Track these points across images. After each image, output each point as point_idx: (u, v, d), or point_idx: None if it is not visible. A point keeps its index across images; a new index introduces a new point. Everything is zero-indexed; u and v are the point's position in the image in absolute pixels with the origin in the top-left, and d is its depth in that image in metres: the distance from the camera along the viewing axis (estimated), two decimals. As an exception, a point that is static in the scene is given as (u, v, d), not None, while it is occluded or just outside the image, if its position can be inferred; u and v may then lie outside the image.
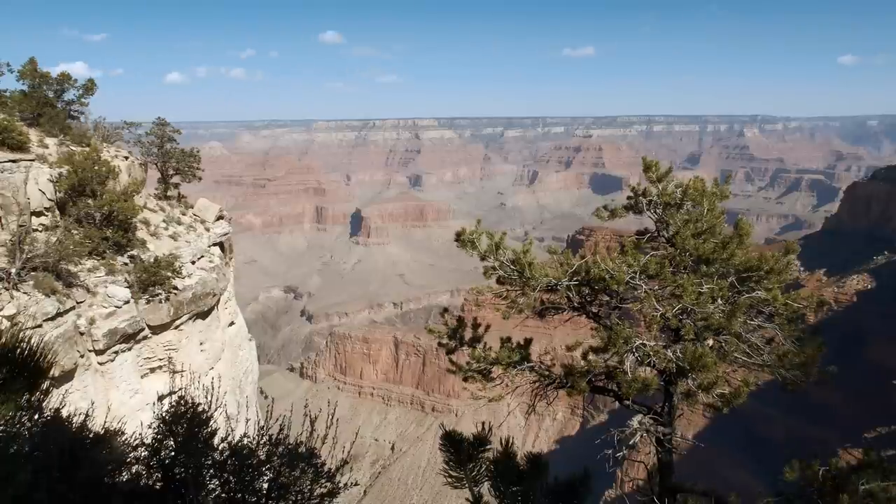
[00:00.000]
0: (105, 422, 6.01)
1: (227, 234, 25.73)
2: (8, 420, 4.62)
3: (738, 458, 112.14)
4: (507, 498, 7.41)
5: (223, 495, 5.48)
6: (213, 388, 6.39)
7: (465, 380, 9.79)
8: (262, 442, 5.90)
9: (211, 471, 5.57)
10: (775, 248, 9.88)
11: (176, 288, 18.90)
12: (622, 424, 9.13)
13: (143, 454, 5.55)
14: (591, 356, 9.42)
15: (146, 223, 20.83)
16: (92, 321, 16.27)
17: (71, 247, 16.11)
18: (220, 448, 5.79)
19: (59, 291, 15.46)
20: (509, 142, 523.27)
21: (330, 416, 6.21)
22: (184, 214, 24.17)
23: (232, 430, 6.39)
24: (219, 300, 22.41)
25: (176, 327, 19.35)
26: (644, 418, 9.29)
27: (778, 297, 8.43)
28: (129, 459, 5.39)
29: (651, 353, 8.82)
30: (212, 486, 5.52)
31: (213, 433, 5.94)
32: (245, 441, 5.85)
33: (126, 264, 18.13)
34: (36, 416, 4.99)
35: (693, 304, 8.19)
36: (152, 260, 18.52)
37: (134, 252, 18.73)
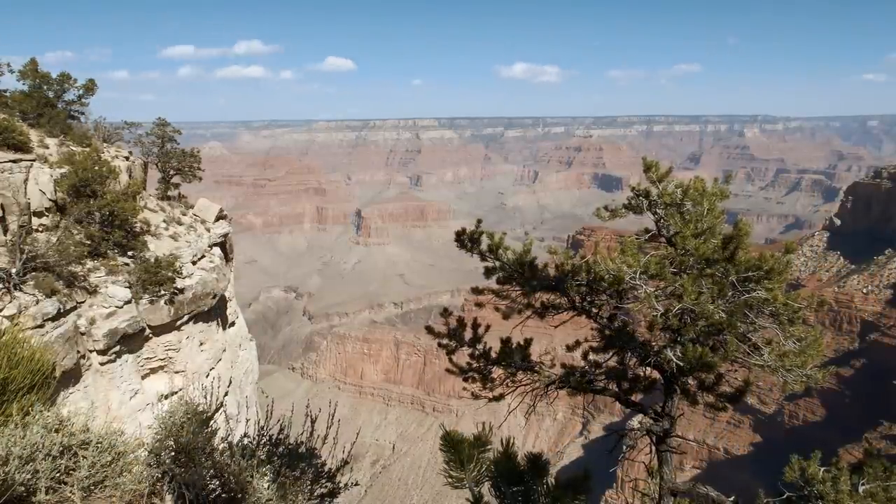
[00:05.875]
0: (105, 422, 6.02)
1: (227, 234, 25.72)
2: (9, 421, 4.62)
3: (739, 458, 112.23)
4: (507, 498, 7.41)
5: (223, 495, 5.48)
6: (213, 389, 6.39)
7: (465, 380, 9.79)
8: (262, 442, 5.91)
9: (211, 471, 5.58)
10: (775, 247, 9.88)
11: (178, 288, 18.91)
12: (623, 425, 9.14)
13: (143, 454, 5.56)
14: (591, 356, 9.41)
15: (146, 223, 20.82)
16: (92, 321, 16.27)
17: (71, 247, 16.12)
18: (220, 448, 5.80)
19: (59, 291, 15.45)
20: (509, 142, 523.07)
21: (330, 417, 6.22)
22: (184, 214, 24.17)
23: (232, 431, 6.39)
24: (219, 300, 22.41)
25: (176, 327, 19.36)
26: (644, 418, 9.30)
27: (778, 296, 8.41)
28: (129, 459, 5.39)
29: (651, 353, 8.82)
30: (212, 486, 5.52)
31: (214, 433, 5.94)
32: (245, 441, 5.85)
33: (126, 264, 18.13)
34: (37, 417, 4.99)
35: (693, 304, 8.18)
36: (153, 260, 18.53)
37: (134, 252, 18.73)
